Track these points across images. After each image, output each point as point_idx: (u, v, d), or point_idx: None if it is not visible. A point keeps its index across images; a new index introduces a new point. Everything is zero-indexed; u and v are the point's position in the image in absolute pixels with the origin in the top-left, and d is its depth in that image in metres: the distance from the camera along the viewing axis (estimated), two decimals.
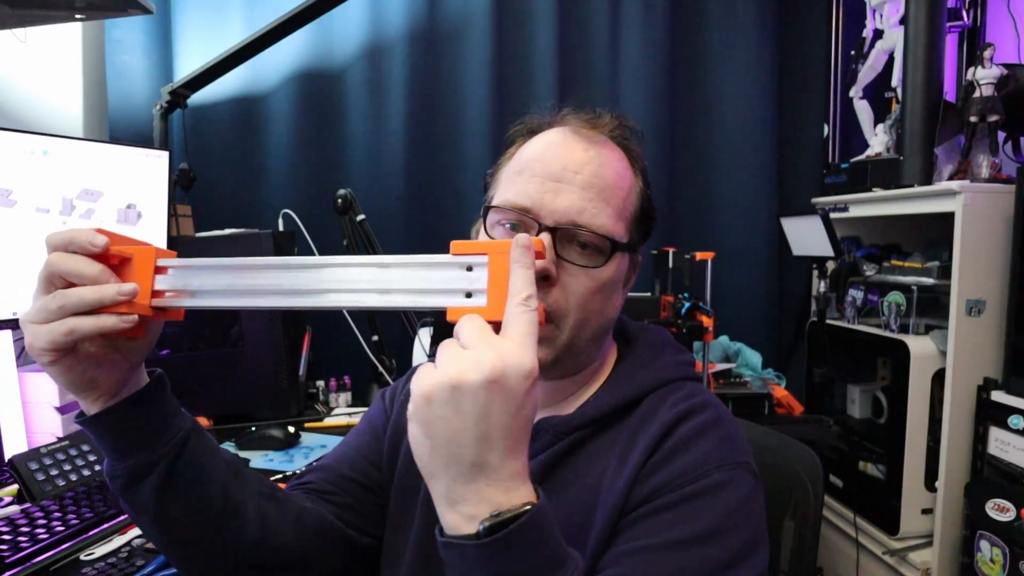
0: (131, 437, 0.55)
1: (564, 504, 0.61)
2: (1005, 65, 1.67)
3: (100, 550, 0.91)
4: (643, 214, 0.69)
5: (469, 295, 0.45)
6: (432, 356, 0.90)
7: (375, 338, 1.66)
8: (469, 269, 0.45)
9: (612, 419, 0.65)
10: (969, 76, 1.69)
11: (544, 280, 0.60)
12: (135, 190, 1.36)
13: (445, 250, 0.47)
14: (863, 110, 2.20)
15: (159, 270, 0.51)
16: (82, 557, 0.89)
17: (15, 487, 1.03)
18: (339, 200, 1.56)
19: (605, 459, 0.63)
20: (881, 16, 2.09)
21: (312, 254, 1.74)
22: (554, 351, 0.63)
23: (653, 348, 0.72)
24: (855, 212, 2.00)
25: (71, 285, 0.49)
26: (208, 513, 0.59)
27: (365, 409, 0.95)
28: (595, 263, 0.62)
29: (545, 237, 0.61)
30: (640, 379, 0.67)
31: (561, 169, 0.63)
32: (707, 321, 1.74)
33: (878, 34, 2.11)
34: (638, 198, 0.69)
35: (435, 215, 2.05)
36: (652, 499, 0.58)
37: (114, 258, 0.51)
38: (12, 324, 1.16)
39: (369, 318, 1.66)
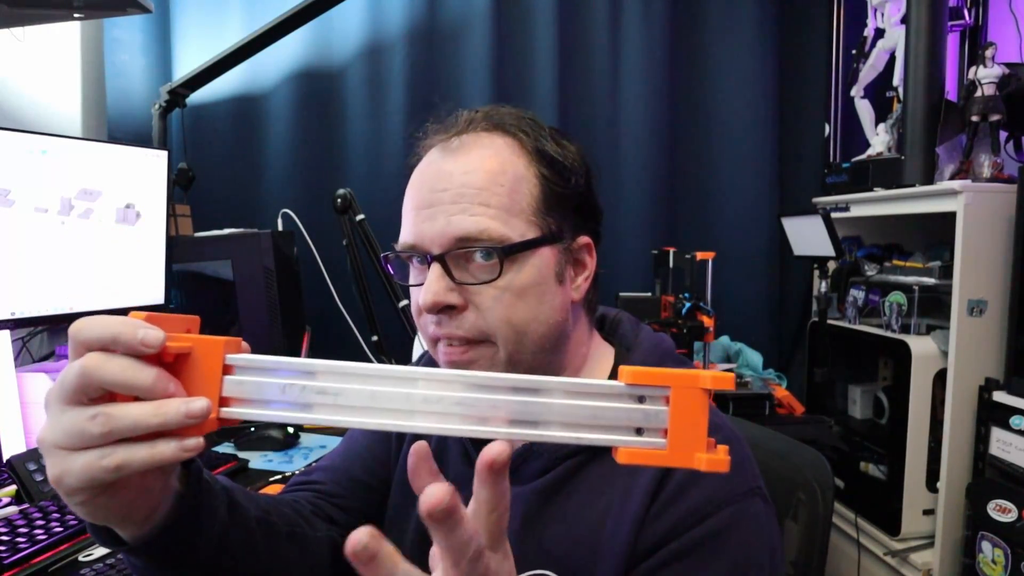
0: (169, 558, 0.47)
1: (565, 539, 0.59)
2: (1007, 64, 1.67)
3: (99, 551, 0.90)
4: (555, 197, 0.61)
5: (640, 431, 0.38)
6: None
7: (375, 338, 1.65)
8: (641, 400, 0.38)
9: None
10: (971, 75, 1.69)
11: (451, 309, 0.58)
12: (134, 190, 1.35)
13: None
14: (864, 109, 2.20)
15: (226, 370, 0.39)
16: (81, 558, 0.88)
17: (13, 488, 1.03)
18: (338, 200, 1.56)
19: (608, 492, 0.59)
20: (882, 15, 2.09)
21: (312, 254, 1.74)
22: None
23: (652, 360, 0.67)
24: (856, 212, 1.99)
25: (112, 397, 0.37)
26: None
27: None
28: (492, 275, 0.58)
29: (435, 267, 0.58)
30: None
31: (429, 193, 0.60)
32: (708, 321, 1.73)
33: (879, 33, 2.11)
34: (538, 182, 0.61)
35: None
36: (663, 546, 0.54)
37: (168, 354, 0.38)
38: (11, 324, 1.16)
39: (368, 318, 1.65)
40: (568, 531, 0.59)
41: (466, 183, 0.59)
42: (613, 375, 0.66)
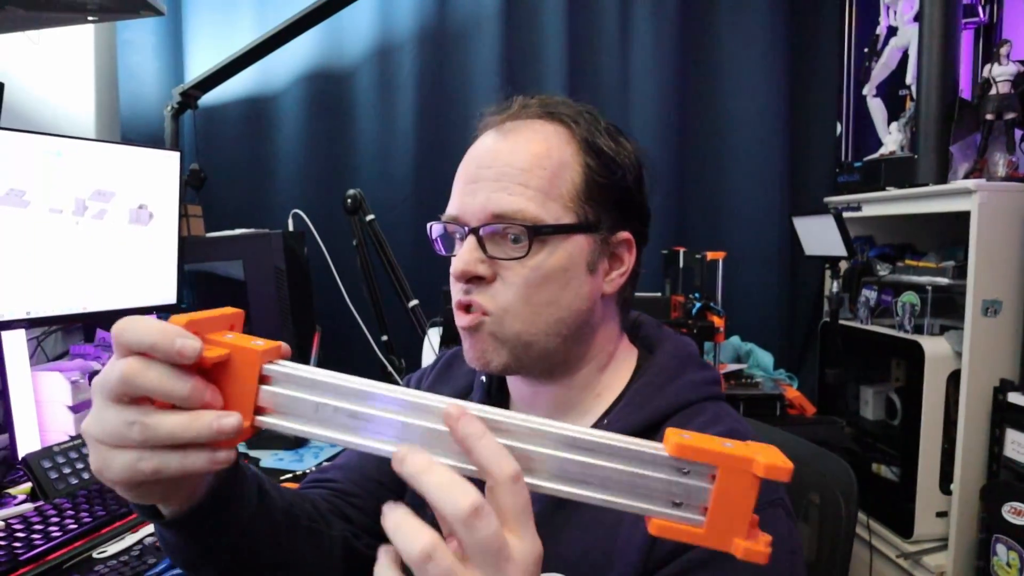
0: (201, 535, 0.50)
1: (580, 543, 0.58)
2: (1022, 62, 1.65)
3: (112, 548, 0.91)
4: (597, 187, 0.63)
5: (678, 504, 0.36)
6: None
7: (384, 338, 1.66)
8: (684, 473, 0.36)
9: None
10: (985, 73, 1.68)
11: (481, 280, 0.61)
12: (147, 191, 1.36)
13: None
14: (877, 108, 2.18)
15: (263, 379, 0.39)
16: (95, 555, 0.89)
17: (29, 485, 1.04)
18: (348, 200, 1.56)
19: None
20: (895, 13, 2.07)
21: (323, 254, 1.75)
22: (507, 348, 0.61)
23: (675, 364, 0.66)
24: (868, 211, 1.98)
25: (151, 398, 0.39)
26: (264, 569, 0.58)
27: None
28: (522, 253, 0.60)
29: (470, 239, 0.61)
30: (659, 402, 0.63)
31: (476, 169, 0.63)
32: (718, 321, 1.73)
33: (892, 31, 2.09)
34: (581, 171, 0.62)
35: None
36: (679, 555, 0.54)
37: (206, 360, 0.38)
38: (25, 324, 1.17)
39: (378, 318, 1.66)
40: (583, 535, 0.59)
41: (510, 163, 0.61)
42: (634, 377, 0.67)
